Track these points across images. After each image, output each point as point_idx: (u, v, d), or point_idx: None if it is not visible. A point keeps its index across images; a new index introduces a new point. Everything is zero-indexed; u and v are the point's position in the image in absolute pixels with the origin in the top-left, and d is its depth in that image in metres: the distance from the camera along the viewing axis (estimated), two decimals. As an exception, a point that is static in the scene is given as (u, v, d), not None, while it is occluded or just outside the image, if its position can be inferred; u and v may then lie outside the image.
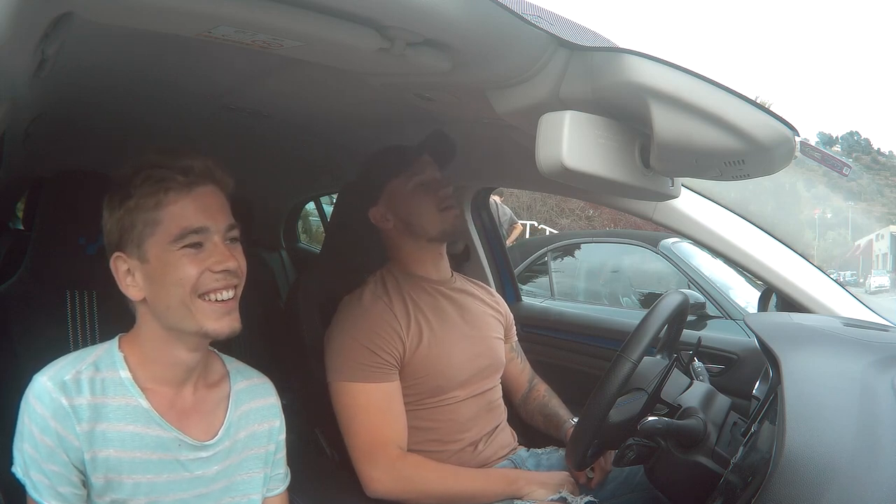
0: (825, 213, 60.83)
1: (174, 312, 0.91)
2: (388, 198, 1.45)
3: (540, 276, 4.64)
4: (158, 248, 0.90)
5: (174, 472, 0.96)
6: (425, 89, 1.15)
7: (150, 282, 0.91)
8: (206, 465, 0.99)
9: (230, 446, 1.02)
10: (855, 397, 0.90)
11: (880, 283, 29.22)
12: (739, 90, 0.83)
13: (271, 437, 1.08)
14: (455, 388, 1.41)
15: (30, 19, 0.67)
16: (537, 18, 0.83)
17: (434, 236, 1.45)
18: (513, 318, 1.68)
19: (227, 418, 1.02)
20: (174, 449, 0.96)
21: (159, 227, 0.90)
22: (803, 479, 0.76)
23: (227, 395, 1.04)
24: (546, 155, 0.91)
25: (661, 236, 3.85)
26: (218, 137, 1.86)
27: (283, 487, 1.13)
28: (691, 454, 1.07)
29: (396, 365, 1.36)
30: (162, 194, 0.90)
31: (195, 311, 0.90)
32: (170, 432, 0.95)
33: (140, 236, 0.90)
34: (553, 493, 1.32)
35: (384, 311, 1.38)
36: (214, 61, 1.14)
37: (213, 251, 0.91)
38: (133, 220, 0.90)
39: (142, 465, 0.93)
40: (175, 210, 0.90)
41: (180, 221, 0.90)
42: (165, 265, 0.89)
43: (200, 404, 1.00)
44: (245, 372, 1.10)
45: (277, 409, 1.10)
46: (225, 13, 0.75)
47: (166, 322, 0.93)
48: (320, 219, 4.01)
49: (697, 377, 1.29)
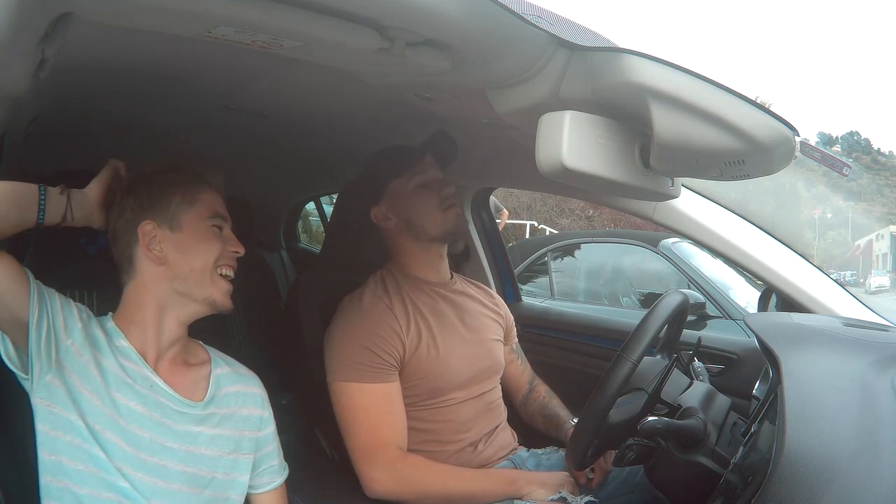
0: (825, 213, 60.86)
1: (194, 277, 1.06)
2: (389, 197, 1.45)
3: (540, 276, 4.64)
4: (193, 221, 1.08)
5: (144, 404, 1.01)
6: (425, 89, 1.15)
7: (178, 248, 1.06)
8: (177, 419, 1.03)
9: (208, 416, 1.07)
10: (855, 397, 0.90)
11: (880, 283, 29.23)
12: (739, 90, 0.83)
13: (253, 425, 1.13)
14: (454, 390, 1.41)
15: (30, 19, 0.67)
16: (537, 18, 0.83)
17: (435, 236, 1.45)
18: (513, 320, 1.68)
19: (209, 392, 1.09)
20: (146, 386, 1.02)
21: (197, 205, 1.09)
22: (803, 479, 0.76)
23: (206, 375, 1.11)
24: (546, 155, 0.91)
25: (661, 236, 3.85)
26: (218, 137, 1.86)
27: (279, 481, 1.14)
28: (691, 454, 1.07)
29: (396, 365, 1.36)
30: (199, 184, 1.11)
31: (213, 280, 1.07)
32: (144, 370, 1.04)
33: (177, 210, 1.07)
34: (553, 493, 1.32)
35: (384, 312, 1.38)
36: (214, 61, 1.14)
37: (229, 237, 1.11)
38: (170, 198, 1.07)
39: (115, 380, 1.00)
40: (208, 197, 1.11)
41: (212, 206, 1.10)
42: (196, 235, 1.07)
43: (177, 377, 1.07)
44: (228, 360, 1.18)
45: (262, 401, 1.15)
46: (225, 13, 0.75)
47: (181, 286, 1.06)
48: (320, 219, 4.01)
49: (697, 377, 1.29)
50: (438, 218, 1.42)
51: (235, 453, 1.09)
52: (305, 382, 1.51)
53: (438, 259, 1.51)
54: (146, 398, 1.02)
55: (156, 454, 1.00)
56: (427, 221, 1.43)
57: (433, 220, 1.42)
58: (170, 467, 1.01)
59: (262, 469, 1.13)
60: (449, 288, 1.52)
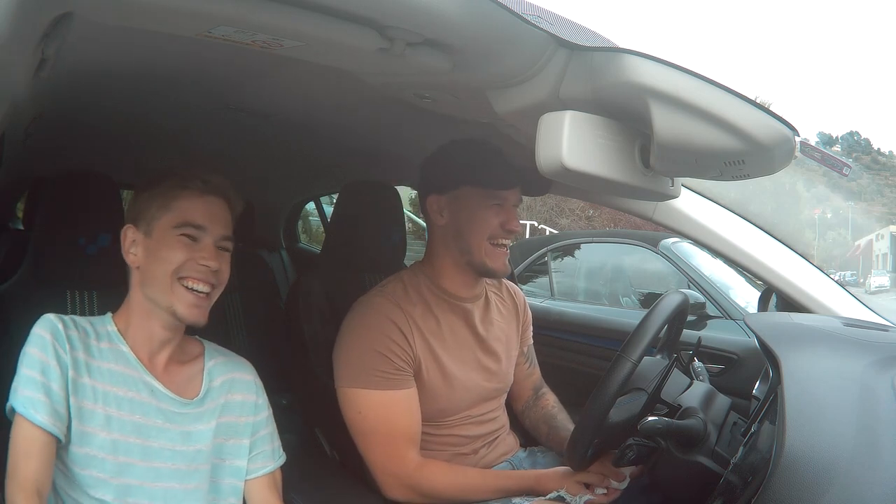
0: (825, 213, 60.86)
1: (157, 284, 1.05)
2: (456, 197, 1.34)
3: (540, 276, 4.63)
4: (162, 229, 1.07)
5: (147, 415, 1.04)
6: (425, 89, 1.15)
7: (147, 254, 1.07)
8: (179, 420, 1.07)
9: (205, 411, 1.10)
10: (855, 397, 0.90)
11: (880, 283, 29.25)
12: (739, 90, 0.83)
13: (248, 410, 1.15)
14: (460, 411, 1.38)
15: (30, 19, 0.67)
16: (537, 18, 0.83)
17: (474, 263, 1.34)
18: (531, 318, 1.62)
19: (203, 386, 1.12)
20: (147, 393, 1.05)
21: (169, 213, 1.07)
22: (803, 479, 0.76)
23: (200, 369, 1.14)
24: (546, 155, 0.91)
25: (661, 236, 3.84)
26: (218, 137, 1.86)
27: (271, 466, 1.15)
28: (691, 454, 1.07)
29: (411, 371, 1.30)
30: (180, 190, 1.08)
31: (173, 290, 1.05)
32: (146, 377, 1.06)
33: (152, 217, 1.07)
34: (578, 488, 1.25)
35: (399, 317, 1.31)
36: (214, 61, 1.14)
37: (204, 249, 1.07)
38: (151, 203, 1.08)
39: (115, 400, 1.03)
40: (185, 205, 1.07)
41: (185, 214, 1.07)
42: (162, 243, 1.06)
43: (174, 375, 1.10)
44: (221, 351, 1.19)
45: (256, 387, 1.18)
46: (225, 13, 0.75)
47: (149, 292, 1.07)
48: (320, 219, 4.01)
49: (697, 377, 1.28)
50: (484, 247, 1.32)
51: (234, 438, 1.13)
52: (305, 382, 1.51)
53: (472, 280, 1.41)
54: (147, 407, 1.05)
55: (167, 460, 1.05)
56: (474, 243, 1.32)
57: (479, 246, 1.32)
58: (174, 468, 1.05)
59: (254, 453, 1.15)
60: (476, 303, 1.43)
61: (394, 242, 1.68)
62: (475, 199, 1.32)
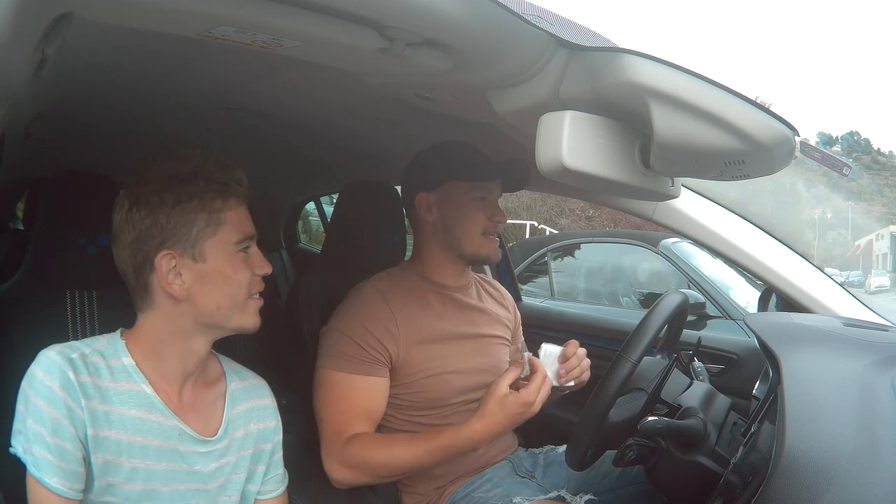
0: (825, 213, 60.90)
1: (224, 311, 0.95)
2: (443, 193, 1.40)
3: (540, 276, 4.64)
4: (218, 248, 0.94)
5: (173, 461, 0.97)
6: (425, 89, 1.15)
7: (203, 281, 0.93)
8: (205, 461, 1.00)
9: (228, 444, 1.04)
10: (855, 397, 0.90)
11: (880, 283, 29.27)
12: (739, 90, 0.83)
13: (268, 437, 1.10)
14: (454, 396, 1.39)
15: (30, 19, 0.67)
16: (537, 18, 0.83)
17: (465, 254, 1.41)
18: (520, 318, 1.65)
19: (224, 416, 1.04)
20: (174, 438, 0.97)
21: (222, 228, 0.94)
22: (803, 479, 0.76)
23: (223, 393, 1.06)
24: (546, 155, 0.91)
25: (661, 236, 3.85)
26: (218, 137, 1.86)
27: (281, 489, 1.13)
28: (691, 454, 1.07)
29: (385, 362, 1.32)
30: (222, 200, 0.94)
31: (247, 309, 0.96)
32: (171, 420, 0.96)
33: (198, 236, 0.93)
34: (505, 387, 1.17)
35: (383, 311, 1.35)
36: (214, 61, 1.14)
37: (256, 257, 0.98)
38: (192, 218, 0.92)
39: (141, 450, 0.94)
40: (234, 215, 0.95)
41: (239, 226, 0.96)
42: (225, 266, 0.94)
43: (198, 401, 1.02)
44: (241, 372, 1.12)
45: (273, 411, 1.12)
46: (225, 13, 0.75)
47: (209, 319, 0.95)
48: (320, 219, 4.01)
49: (697, 377, 1.29)
50: (476, 239, 1.39)
51: (254, 465, 1.08)
52: (306, 382, 1.50)
53: (462, 269, 1.47)
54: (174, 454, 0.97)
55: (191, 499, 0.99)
56: (465, 236, 1.39)
57: (470, 239, 1.39)
58: None
59: (268, 477, 1.11)
60: (465, 292, 1.48)
61: (394, 242, 1.68)
62: (461, 193, 1.39)
